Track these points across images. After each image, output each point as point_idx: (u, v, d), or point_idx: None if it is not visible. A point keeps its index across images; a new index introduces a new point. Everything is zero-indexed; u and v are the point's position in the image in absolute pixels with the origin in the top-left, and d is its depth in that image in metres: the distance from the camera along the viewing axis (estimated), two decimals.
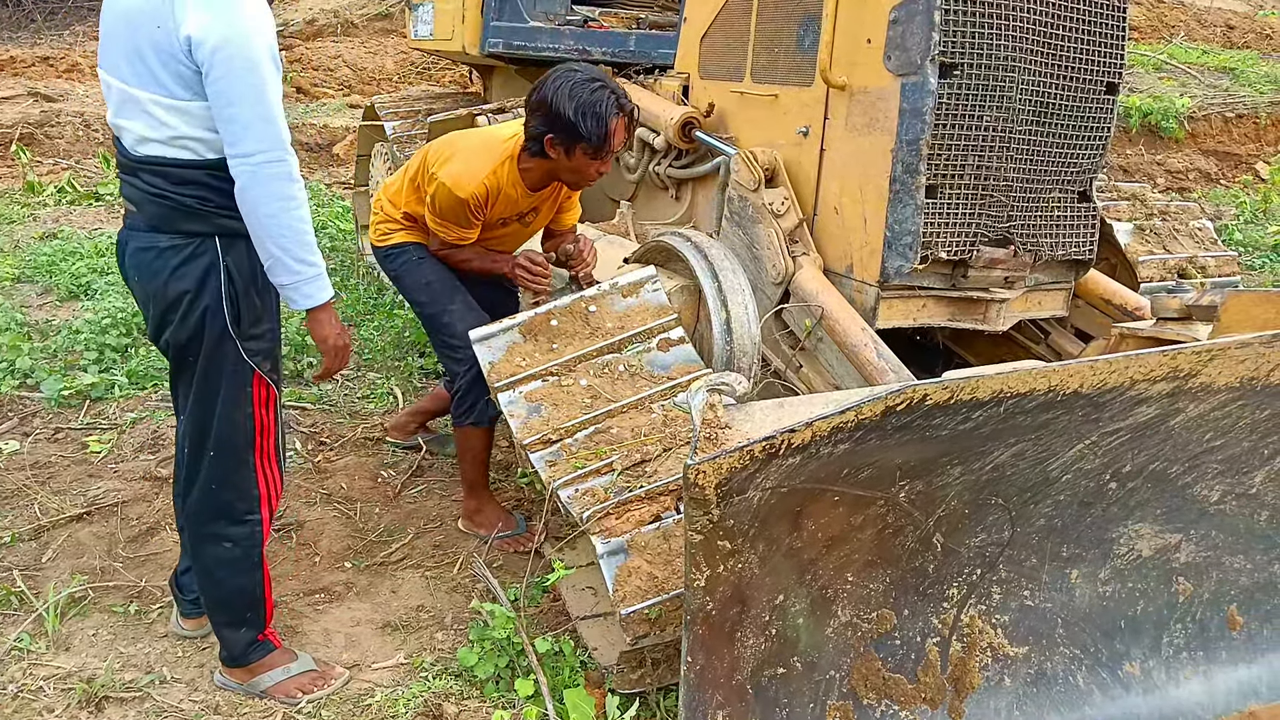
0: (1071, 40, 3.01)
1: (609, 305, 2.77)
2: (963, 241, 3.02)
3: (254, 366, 2.22)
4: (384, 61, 13.23)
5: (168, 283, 2.13)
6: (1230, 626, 2.60)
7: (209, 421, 2.21)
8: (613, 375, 2.64)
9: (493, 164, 2.87)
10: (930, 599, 2.33)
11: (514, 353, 2.69)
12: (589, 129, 2.72)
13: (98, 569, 2.83)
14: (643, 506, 2.34)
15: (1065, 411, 2.07)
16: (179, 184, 2.10)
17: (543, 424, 2.56)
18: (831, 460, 1.98)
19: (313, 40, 13.76)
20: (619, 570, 2.25)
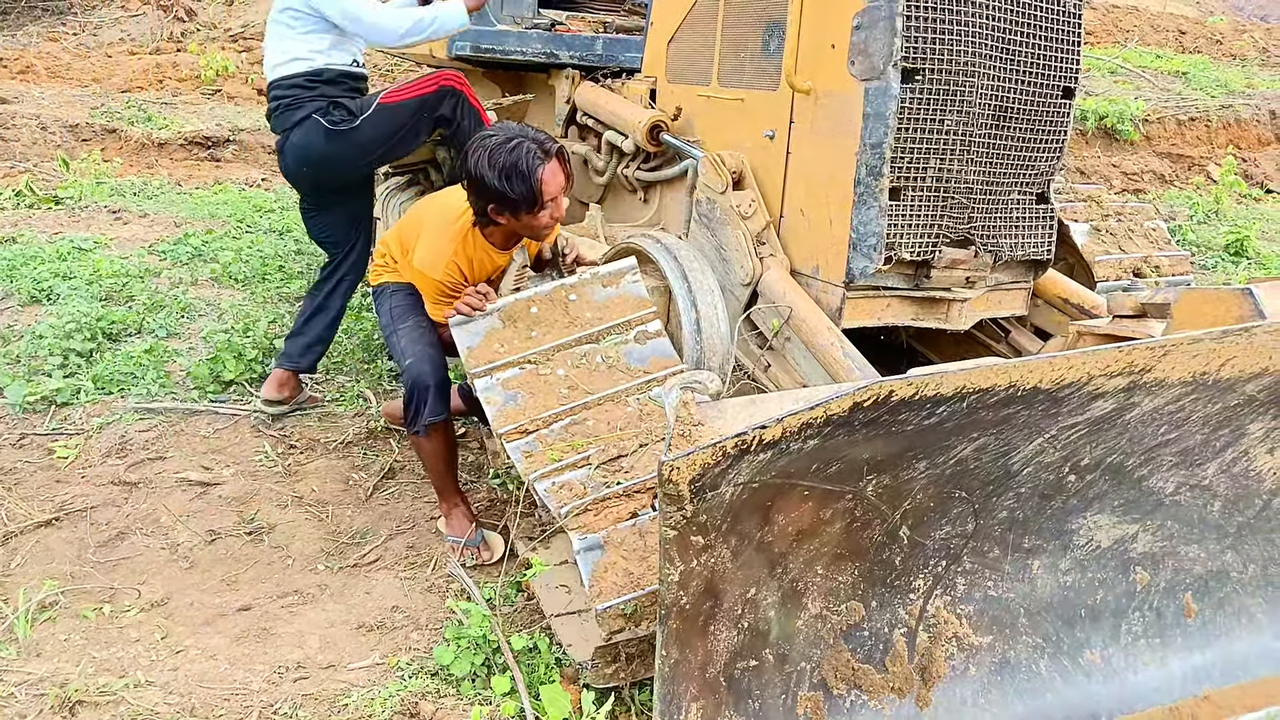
0: (1029, 46, 3.09)
1: (589, 295, 2.81)
2: (925, 242, 3.09)
3: None
4: None
5: None
6: (1185, 614, 2.69)
7: None
8: (590, 366, 2.67)
9: (455, 243, 2.92)
10: (897, 590, 2.39)
11: (492, 338, 2.72)
12: (518, 191, 2.72)
13: (68, 574, 2.82)
14: (619, 503, 2.37)
15: (1025, 406, 2.14)
16: None
17: (519, 413, 2.59)
18: (801, 456, 2.03)
19: None
20: (595, 566, 2.29)
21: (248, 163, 9.54)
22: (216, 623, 2.66)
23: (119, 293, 4.82)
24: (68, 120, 9.06)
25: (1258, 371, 2.33)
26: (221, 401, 3.85)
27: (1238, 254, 7.26)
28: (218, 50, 12.24)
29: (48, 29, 13.64)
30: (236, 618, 2.68)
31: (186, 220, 6.41)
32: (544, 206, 2.79)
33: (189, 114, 10.22)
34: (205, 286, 5.17)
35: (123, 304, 4.73)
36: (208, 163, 9.47)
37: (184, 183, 8.12)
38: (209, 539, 3.03)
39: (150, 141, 9.07)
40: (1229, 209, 8.47)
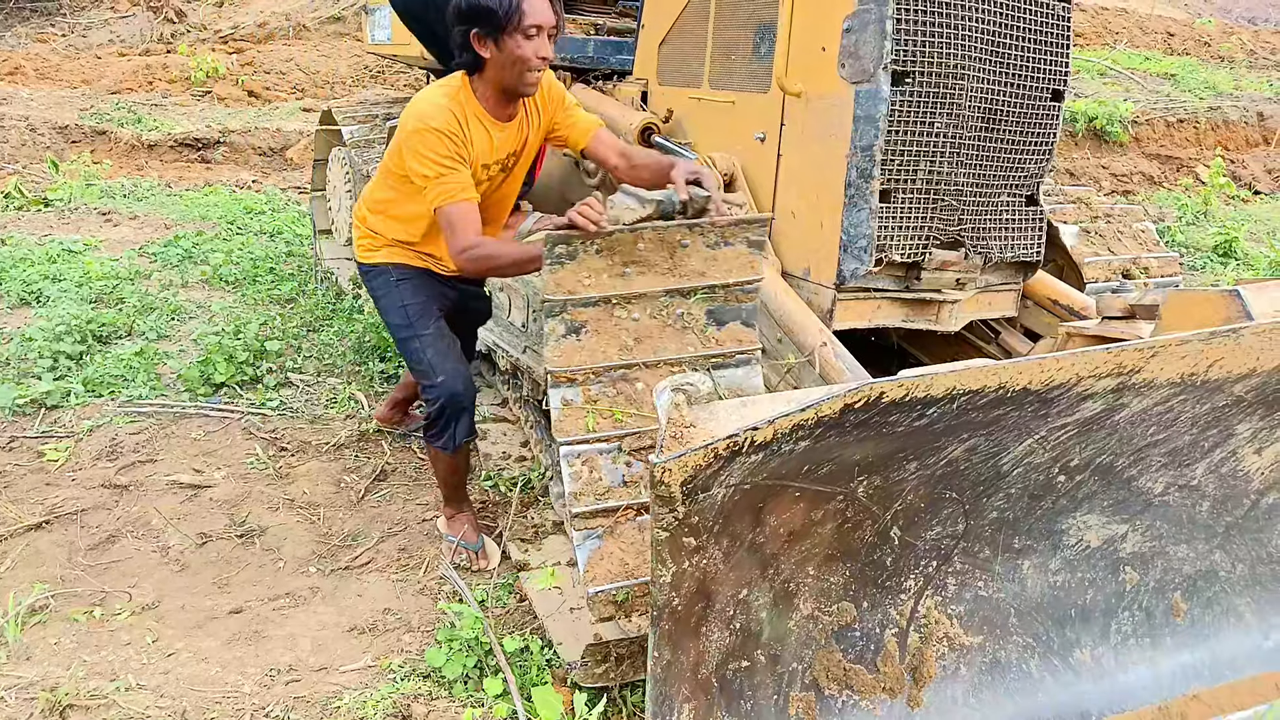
0: (1018, 49, 3.10)
1: (702, 245, 2.55)
2: (915, 244, 3.10)
3: None
4: (337, 65, 13.15)
5: None
6: (1174, 614, 2.70)
7: None
8: (665, 320, 2.50)
9: (449, 92, 2.78)
10: (888, 591, 2.40)
11: (582, 267, 2.47)
12: (500, 1, 2.62)
13: (58, 577, 2.81)
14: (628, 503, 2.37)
15: (1015, 407, 2.15)
16: None
17: (576, 353, 2.44)
18: (793, 457, 2.04)
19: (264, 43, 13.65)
20: (592, 553, 2.28)
21: (238, 164, 9.53)
22: (208, 625, 2.65)
23: (109, 295, 4.81)
24: (57, 122, 9.03)
25: (1245, 372, 2.35)
26: (212, 404, 3.85)
27: (1226, 255, 7.29)
28: (208, 52, 12.23)
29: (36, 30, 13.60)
30: (228, 620, 2.67)
31: (177, 222, 6.39)
32: (528, 33, 2.67)
33: (179, 115, 10.21)
34: (196, 288, 5.17)
35: (113, 306, 4.72)
36: (198, 164, 9.46)
37: (174, 184, 8.10)
38: (200, 542, 3.02)
39: (140, 143, 9.05)
40: (1217, 210, 8.51)
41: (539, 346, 3.44)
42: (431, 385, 2.91)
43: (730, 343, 2.60)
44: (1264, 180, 9.96)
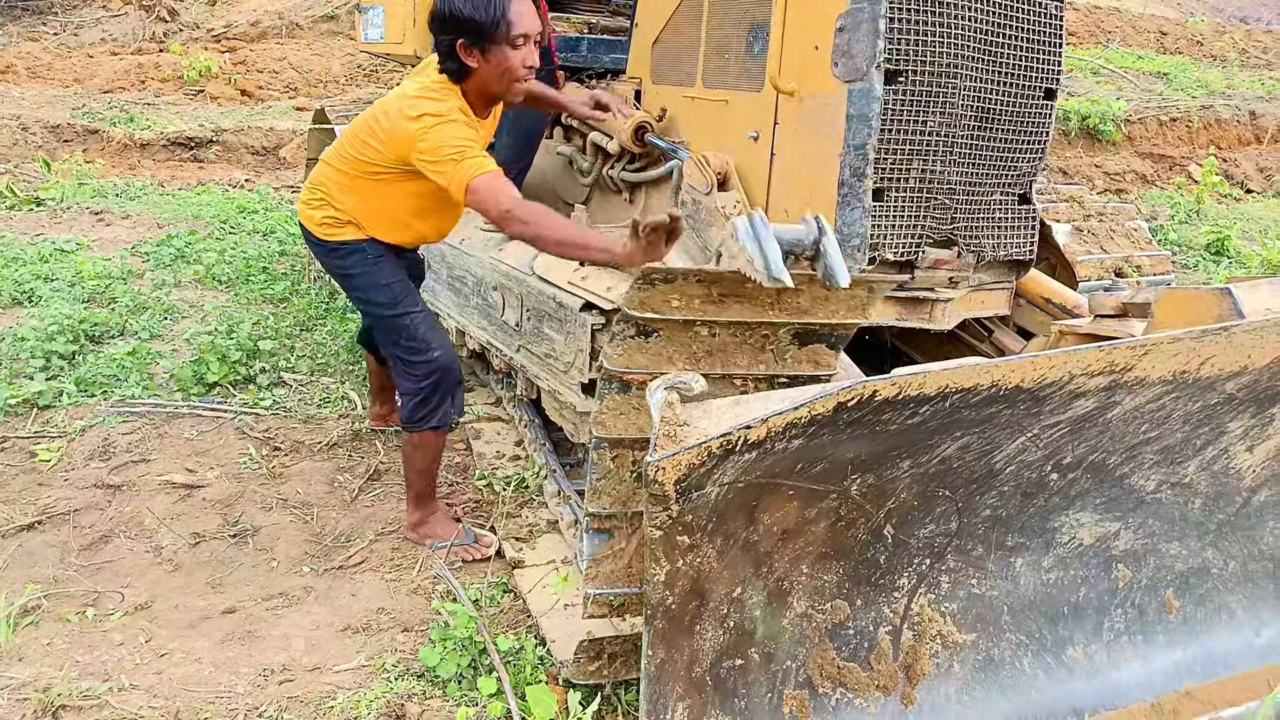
0: (1011, 48, 3.11)
1: (815, 285, 2.28)
2: (909, 243, 3.10)
3: None
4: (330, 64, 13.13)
5: None
6: (1167, 611, 2.71)
7: None
8: (743, 339, 2.33)
9: (442, 91, 2.75)
10: (882, 589, 2.40)
11: (675, 289, 2.21)
12: (486, 12, 2.61)
13: (51, 578, 2.81)
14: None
15: (1008, 405, 2.16)
16: None
17: (639, 351, 2.26)
18: (786, 455, 2.04)
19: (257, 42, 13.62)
20: (597, 552, 2.28)
21: (230, 163, 9.51)
22: (201, 626, 2.64)
23: (101, 294, 4.79)
24: (49, 121, 9.01)
25: (1237, 370, 2.35)
26: (205, 403, 3.84)
27: (1219, 253, 7.32)
28: (200, 51, 12.20)
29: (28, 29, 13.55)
30: (221, 620, 2.67)
31: (169, 221, 6.38)
32: (515, 43, 2.67)
33: (171, 114, 10.19)
34: (188, 288, 5.16)
35: (105, 306, 4.71)
36: (190, 163, 9.43)
37: (167, 184, 8.08)
38: (193, 542, 3.01)
39: (132, 142, 9.03)
40: (1210, 208, 8.54)
41: (533, 346, 3.44)
42: (427, 360, 2.90)
43: (808, 364, 2.45)
44: (1256, 179, 9.99)
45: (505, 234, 2.83)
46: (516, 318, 3.54)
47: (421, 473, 3.07)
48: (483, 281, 3.77)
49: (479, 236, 3.92)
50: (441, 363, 2.91)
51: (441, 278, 4.11)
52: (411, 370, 2.98)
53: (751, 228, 2.07)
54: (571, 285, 3.23)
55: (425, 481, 3.09)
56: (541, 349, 3.38)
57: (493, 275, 3.68)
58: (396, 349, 3.04)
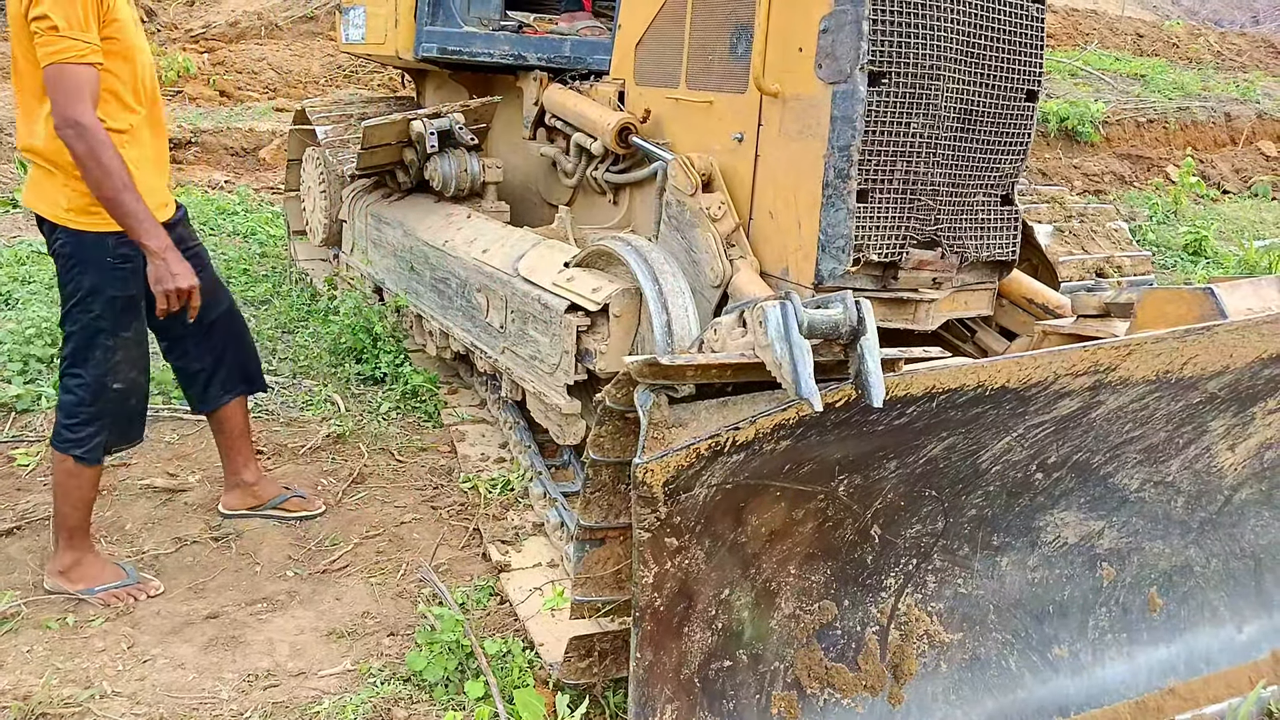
0: (993, 49, 3.12)
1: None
2: (893, 244, 3.11)
3: None
4: (309, 64, 13.06)
5: None
6: (1150, 609, 2.73)
7: None
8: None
9: None
10: (869, 589, 2.41)
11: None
12: None
13: (29, 584, 2.77)
14: None
15: (994, 405, 2.17)
16: None
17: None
18: (774, 456, 2.04)
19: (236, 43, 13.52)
20: (588, 555, 2.27)
21: (210, 165, 9.44)
22: (184, 631, 2.62)
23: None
24: None
25: (1219, 369, 2.38)
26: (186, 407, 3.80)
27: (1196, 253, 7.39)
28: (179, 51, 12.09)
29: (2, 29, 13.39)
30: (204, 625, 2.64)
31: None
32: None
33: None
34: None
35: None
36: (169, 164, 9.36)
37: None
38: (175, 546, 2.99)
39: None
40: (1187, 209, 8.62)
41: (518, 348, 3.43)
42: (96, 384, 2.66)
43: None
44: (1232, 180, 10.09)
45: (60, 139, 2.46)
46: (501, 320, 3.53)
47: (73, 504, 2.72)
48: (466, 283, 3.76)
49: (461, 237, 3.91)
50: (121, 389, 2.74)
51: (425, 279, 4.09)
52: (72, 381, 2.71)
53: (784, 325, 1.82)
54: (555, 286, 3.23)
55: (78, 514, 2.75)
56: (526, 351, 3.37)
57: (476, 277, 3.67)
58: (71, 360, 2.72)
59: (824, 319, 1.85)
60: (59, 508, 2.73)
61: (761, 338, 1.83)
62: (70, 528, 2.74)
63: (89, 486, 2.74)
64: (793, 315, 1.80)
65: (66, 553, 2.74)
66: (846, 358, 1.90)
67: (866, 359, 1.82)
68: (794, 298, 1.84)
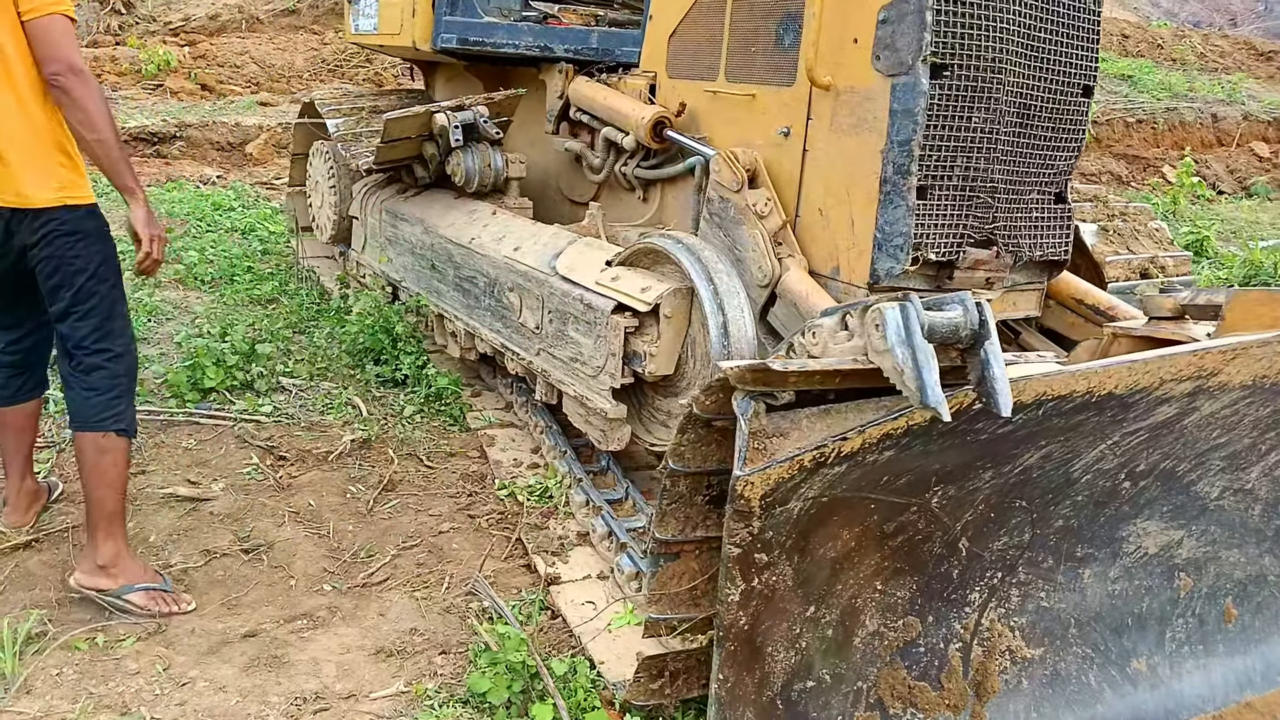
0: (1053, 43, 3.03)
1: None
2: (951, 242, 3.01)
3: None
4: (293, 58, 12.84)
5: None
6: (1226, 619, 2.65)
7: None
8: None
9: None
10: (953, 604, 2.30)
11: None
12: None
13: (53, 600, 2.61)
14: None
15: (1096, 412, 2.07)
16: None
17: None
18: (875, 467, 1.93)
19: (217, 36, 13.26)
20: (662, 570, 2.15)
21: (196, 159, 9.21)
22: (222, 651, 2.47)
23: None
24: None
25: None
26: (202, 410, 3.64)
27: (1198, 254, 7.36)
28: (159, 44, 11.83)
29: None
30: (243, 645, 2.50)
31: None
32: None
33: (131, 109, 9.84)
34: (170, 288, 4.93)
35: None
36: (154, 159, 9.11)
37: None
38: (204, 559, 2.83)
39: None
40: (1185, 209, 8.61)
41: (556, 349, 3.30)
42: (126, 351, 2.70)
43: None
44: (1227, 180, 10.12)
45: (56, 92, 2.46)
46: (536, 320, 3.40)
47: (114, 485, 2.61)
48: (496, 283, 3.62)
49: (488, 234, 3.77)
50: (134, 353, 2.77)
51: (448, 278, 3.95)
52: (113, 352, 2.68)
53: (904, 327, 1.68)
54: (600, 286, 3.10)
55: (120, 497, 2.64)
56: (566, 353, 3.24)
57: (508, 276, 3.53)
58: (109, 335, 2.69)
59: (944, 322, 1.74)
60: (98, 494, 2.60)
61: (879, 342, 1.71)
62: (110, 513, 2.60)
63: (126, 462, 2.68)
64: (915, 318, 1.68)
65: (107, 543, 2.59)
66: (963, 362, 1.80)
67: (992, 365, 1.71)
68: (914, 299, 1.72)
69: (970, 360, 1.77)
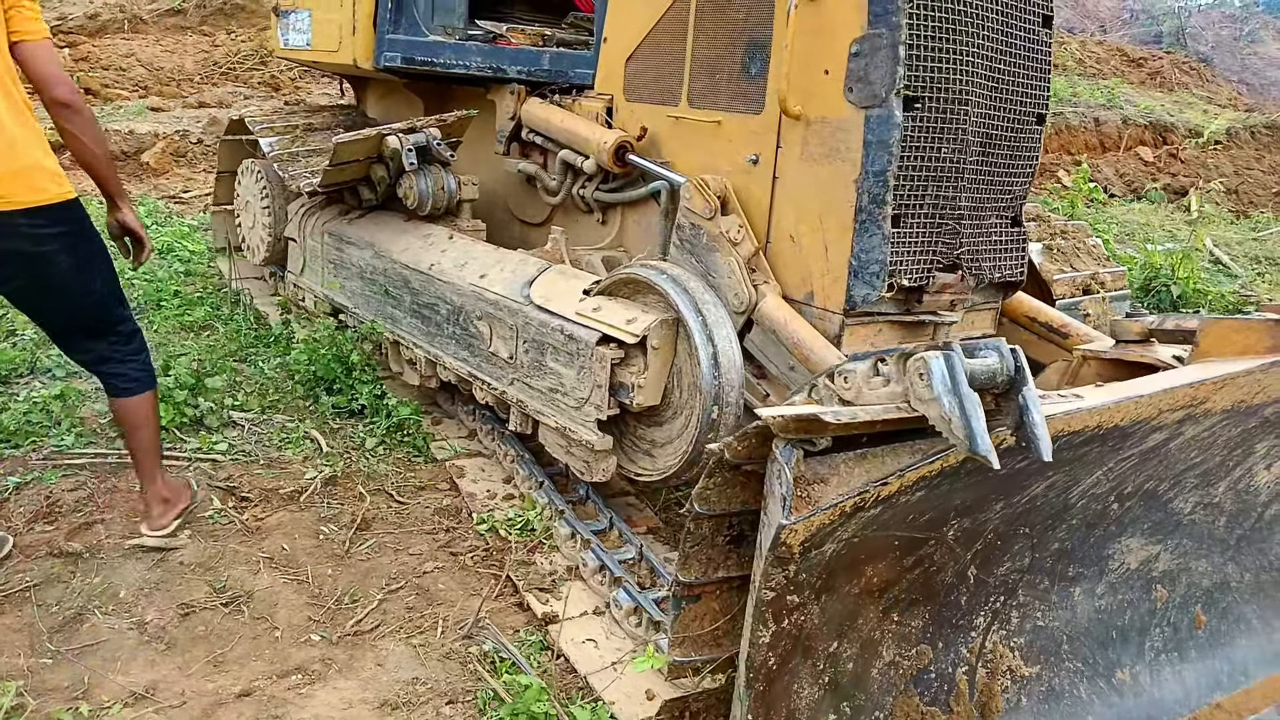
0: (1012, 74, 3.14)
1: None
2: (922, 268, 3.10)
3: None
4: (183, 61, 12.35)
5: None
6: (1196, 625, 2.80)
7: None
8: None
9: None
10: (960, 629, 2.37)
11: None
12: None
13: (25, 668, 2.45)
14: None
15: (1100, 443, 2.16)
16: None
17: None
18: (905, 507, 1.98)
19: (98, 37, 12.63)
20: (684, 612, 2.15)
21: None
22: (217, 713, 2.36)
23: None
24: None
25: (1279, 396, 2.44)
26: None
27: None
28: None
29: None
30: (239, 705, 2.39)
31: None
32: None
33: None
34: None
35: (4, 339, 4.21)
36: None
37: None
38: (182, 614, 2.70)
39: None
40: (1081, 213, 9.00)
41: (532, 380, 3.26)
42: (130, 317, 2.97)
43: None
44: (1116, 184, 10.64)
45: (65, 112, 2.72)
46: (509, 350, 3.35)
47: (154, 435, 3.03)
48: (462, 310, 3.55)
49: (449, 260, 3.70)
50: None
51: (405, 304, 3.86)
52: (119, 331, 2.94)
53: (951, 378, 1.71)
54: (581, 317, 3.08)
55: (156, 441, 3.05)
56: (545, 383, 3.21)
57: (476, 304, 3.48)
58: (115, 320, 2.94)
59: (983, 369, 1.79)
60: (150, 443, 2.98)
61: (923, 390, 1.75)
62: (158, 452, 3.04)
63: (157, 413, 3.08)
64: (960, 367, 1.73)
65: (162, 482, 3.02)
66: (997, 406, 1.85)
67: (1031, 410, 1.77)
68: (957, 348, 1.76)
69: (1005, 404, 1.83)
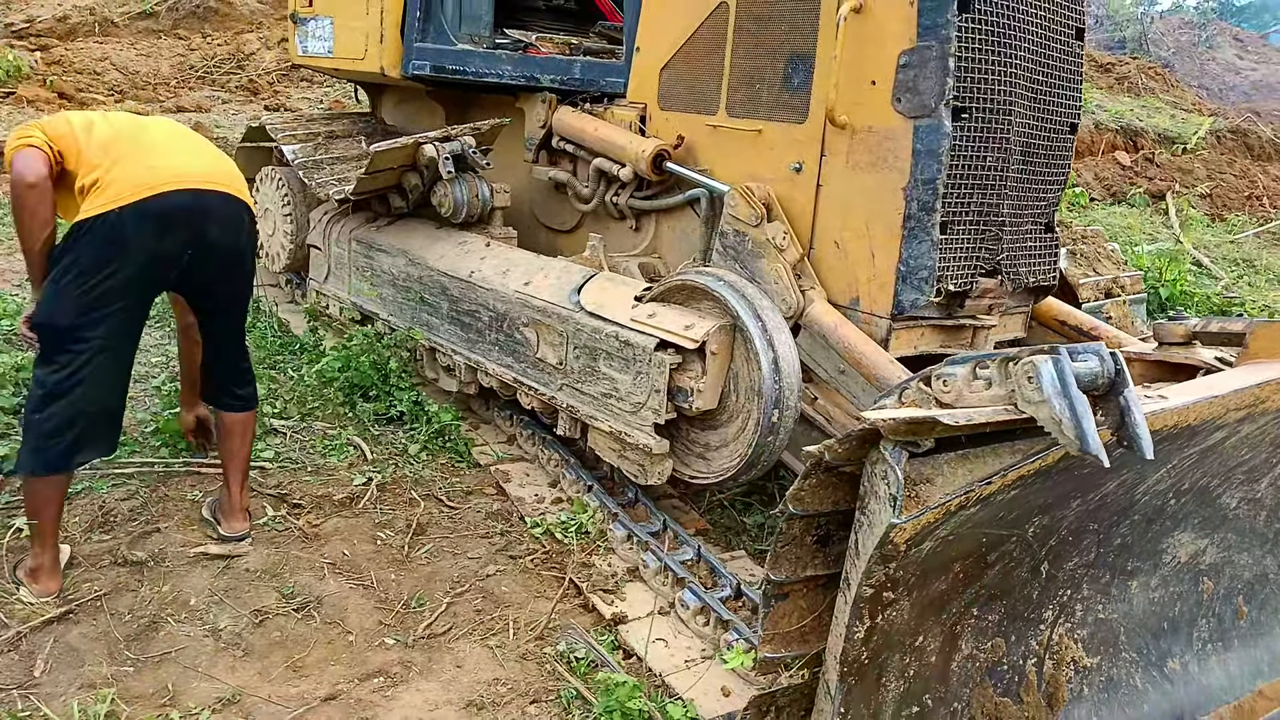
0: (1049, 84, 3.25)
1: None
2: (966, 274, 3.19)
3: None
4: (158, 64, 12.22)
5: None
6: (1239, 617, 2.91)
7: None
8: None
9: None
10: (1030, 623, 2.46)
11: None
12: None
13: (108, 676, 2.46)
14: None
15: (1170, 441, 2.25)
16: None
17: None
18: (998, 505, 2.06)
19: (69, 39, 12.46)
20: (774, 610, 2.21)
21: None
22: (308, 718, 2.39)
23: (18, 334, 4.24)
24: None
25: None
26: (200, 458, 3.48)
27: None
28: (5, 48, 11.02)
29: None
30: (327, 709, 2.42)
31: None
32: None
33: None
34: None
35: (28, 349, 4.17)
36: None
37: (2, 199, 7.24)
38: (256, 620, 2.72)
39: None
40: (1066, 216, 9.21)
41: (584, 385, 3.31)
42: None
43: None
44: (1096, 188, 10.87)
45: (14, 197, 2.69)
46: (559, 356, 3.40)
47: (53, 518, 2.78)
48: (505, 317, 3.59)
49: (490, 267, 3.74)
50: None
51: (443, 312, 3.89)
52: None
53: (1059, 379, 1.77)
54: (636, 323, 3.13)
55: (54, 523, 2.80)
56: (597, 389, 3.26)
57: (521, 311, 3.52)
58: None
59: (1087, 371, 1.87)
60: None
61: (1032, 393, 1.83)
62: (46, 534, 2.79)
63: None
64: (1068, 370, 1.81)
65: (44, 554, 2.77)
66: (1096, 407, 1.94)
67: (1133, 411, 1.86)
68: (1063, 351, 1.85)
69: (1105, 406, 1.91)
